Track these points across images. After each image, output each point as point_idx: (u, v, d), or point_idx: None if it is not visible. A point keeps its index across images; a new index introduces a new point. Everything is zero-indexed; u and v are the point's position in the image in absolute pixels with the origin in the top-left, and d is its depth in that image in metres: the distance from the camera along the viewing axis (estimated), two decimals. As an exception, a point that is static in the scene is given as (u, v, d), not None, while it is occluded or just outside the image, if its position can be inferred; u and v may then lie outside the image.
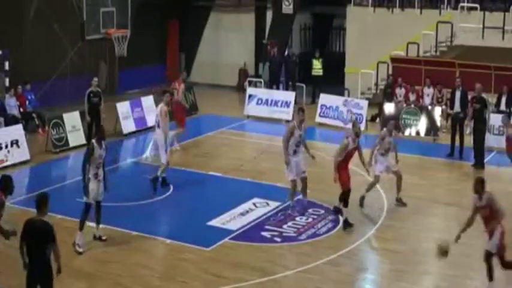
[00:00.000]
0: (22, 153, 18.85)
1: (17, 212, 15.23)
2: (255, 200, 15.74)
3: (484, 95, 18.77)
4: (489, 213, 11.31)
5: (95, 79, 20.20)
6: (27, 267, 9.60)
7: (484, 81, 19.85)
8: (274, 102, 24.18)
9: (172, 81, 22.48)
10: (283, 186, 16.29)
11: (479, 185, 11.39)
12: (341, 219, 14.40)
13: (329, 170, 14.40)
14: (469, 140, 19.48)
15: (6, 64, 22.57)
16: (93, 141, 13.05)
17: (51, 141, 19.88)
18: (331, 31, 31.46)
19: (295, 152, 14.58)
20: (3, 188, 10.37)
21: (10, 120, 20.61)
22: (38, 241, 9.39)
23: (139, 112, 22.67)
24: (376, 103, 23.88)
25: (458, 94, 19.48)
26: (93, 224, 13.31)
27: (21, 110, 21.66)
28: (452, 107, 19.74)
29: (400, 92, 23.12)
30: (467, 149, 19.31)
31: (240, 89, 28.54)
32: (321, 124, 23.38)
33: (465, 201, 16.14)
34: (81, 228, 12.94)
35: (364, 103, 22.98)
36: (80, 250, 12.82)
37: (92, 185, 12.86)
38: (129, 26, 26.36)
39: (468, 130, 20.40)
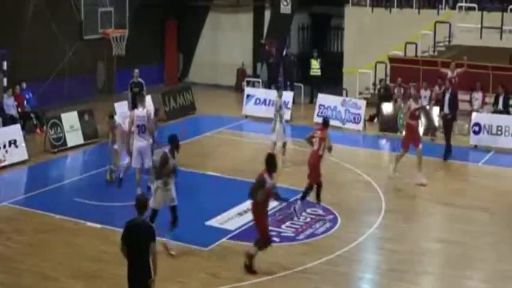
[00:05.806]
0: (20, 153, 18.80)
1: (16, 211, 15.28)
2: (254, 200, 15.74)
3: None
4: None
5: (136, 70, 21.24)
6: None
7: (482, 81, 19.89)
8: (273, 102, 24.01)
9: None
10: (283, 186, 16.29)
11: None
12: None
13: (328, 171, 14.37)
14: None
15: (5, 64, 22.51)
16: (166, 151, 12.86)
17: (49, 141, 19.84)
18: (329, 31, 31.44)
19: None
20: None
21: (8, 120, 20.59)
22: (141, 242, 9.36)
23: (137, 112, 22.66)
24: (374, 103, 23.88)
25: (447, 96, 19.51)
26: (96, 225, 13.29)
27: (19, 109, 21.62)
28: (442, 108, 19.80)
29: (398, 92, 23.12)
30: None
31: (238, 89, 28.53)
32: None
33: (463, 201, 16.22)
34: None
35: (362, 103, 22.98)
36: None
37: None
38: (127, 26, 26.31)
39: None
